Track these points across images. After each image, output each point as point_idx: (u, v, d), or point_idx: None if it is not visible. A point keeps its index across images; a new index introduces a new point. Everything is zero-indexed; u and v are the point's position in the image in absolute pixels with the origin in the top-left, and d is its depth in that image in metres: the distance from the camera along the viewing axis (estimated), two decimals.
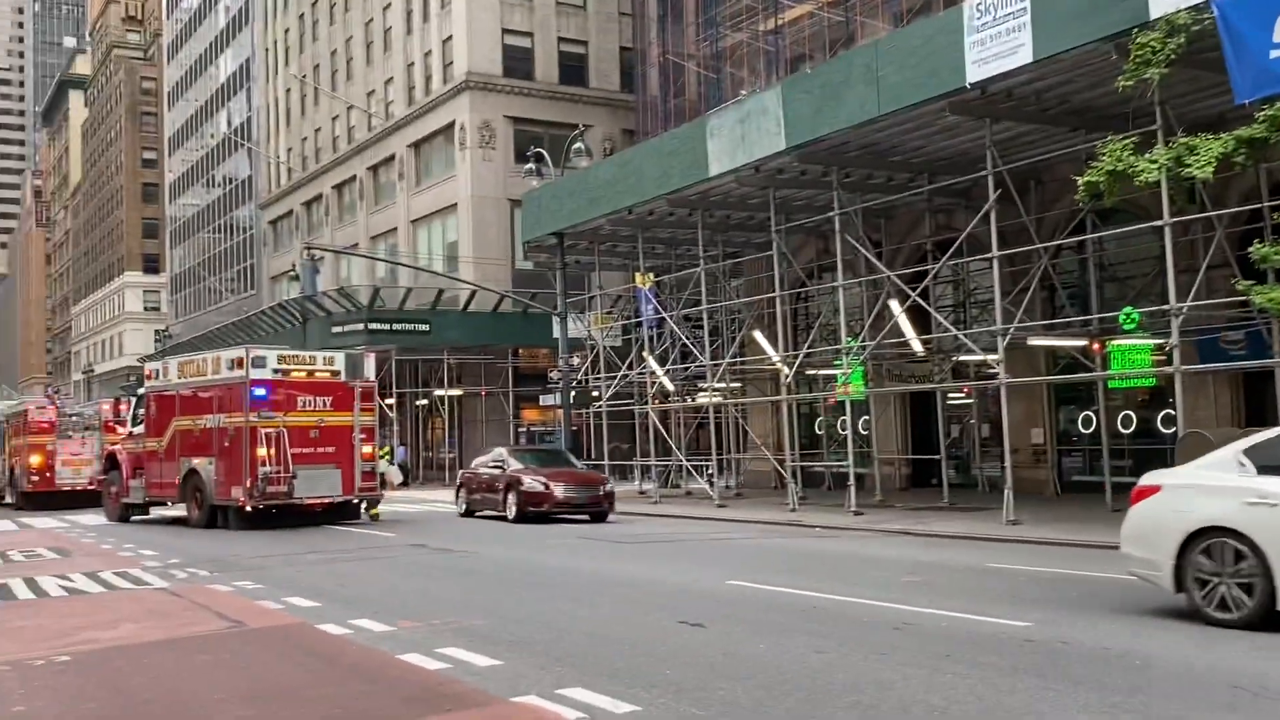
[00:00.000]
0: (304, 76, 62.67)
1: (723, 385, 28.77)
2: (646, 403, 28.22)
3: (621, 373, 28.93)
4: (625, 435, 39.90)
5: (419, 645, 8.24)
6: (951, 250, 22.64)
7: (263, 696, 6.93)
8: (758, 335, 28.15)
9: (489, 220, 45.59)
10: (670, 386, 29.65)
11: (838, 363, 24.03)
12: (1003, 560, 13.66)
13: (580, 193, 27.29)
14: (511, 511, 21.70)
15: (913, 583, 11.71)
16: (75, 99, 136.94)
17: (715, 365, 26.33)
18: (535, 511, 21.40)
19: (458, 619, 9.52)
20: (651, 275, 31.10)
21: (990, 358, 19.93)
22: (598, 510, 22.01)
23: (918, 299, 21.39)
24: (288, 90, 66.44)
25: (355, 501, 21.96)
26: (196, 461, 21.70)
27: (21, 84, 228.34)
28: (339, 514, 21.97)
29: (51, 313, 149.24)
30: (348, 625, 9.32)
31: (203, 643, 8.83)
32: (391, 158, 52.94)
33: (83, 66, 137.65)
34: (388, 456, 23.02)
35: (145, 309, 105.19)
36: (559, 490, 21.59)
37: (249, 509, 20.29)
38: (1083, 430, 25.08)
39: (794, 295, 28.28)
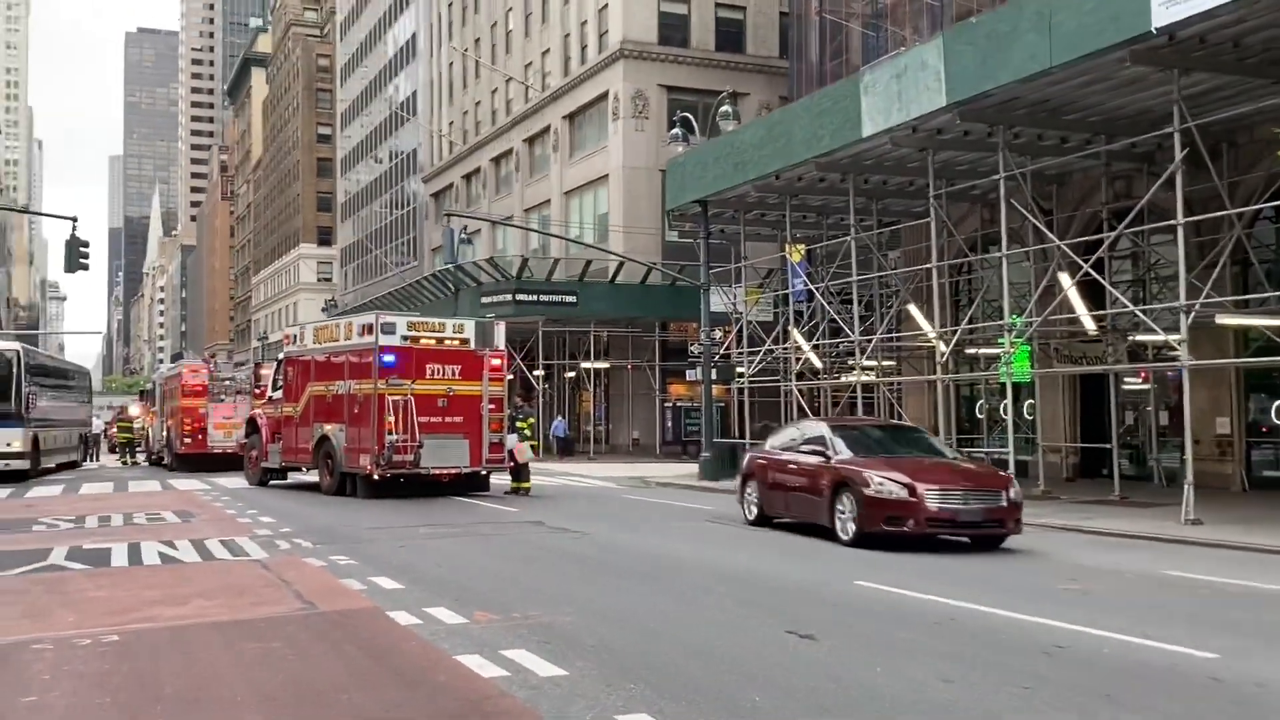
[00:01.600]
0: (465, 50, 63.05)
1: (874, 363, 27.11)
2: (792, 379, 26.77)
3: (766, 347, 27.57)
4: (772, 414, 38.51)
5: (485, 644, 7.28)
6: (1130, 218, 20.39)
7: (283, 699, 6.06)
8: (913, 309, 26.36)
9: (640, 191, 44.71)
10: (818, 363, 28.13)
11: (1001, 341, 22.13)
12: (1181, 567, 11.88)
13: (726, 158, 25.99)
14: (849, 528, 13.50)
15: (1073, 592, 10.15)
16: (257, 76, 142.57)
17: (866, 341, 24.72)
18: (892, 532, 13.14)
19: (540, 613, 8.52)
20: (801, 246, 29.64)
21: (1172, 338, 17.83)
22: (996, 530, 13.61)
23: (1092, 271, 19.36)
24: (450, 64, 67.10)
25: (483, 473, 21.37)
26: (328, 428, 21.48)
27: (211, 63, 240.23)
28: (468, 485, 21.43)
29: (234, 282, 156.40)
30: (420, 614, 8.45)
31: (262, 628, 8.09)
32: (546, 129, 52.67)
33: (264, 45, 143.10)
34: (527, 429, 22.06)
35: (319, 280, 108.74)
36: (932, 497, 13.13)
37: (376, 477, 19.90)
38: (1276, 421, 22.48)
39: (954, 268, 26.36)
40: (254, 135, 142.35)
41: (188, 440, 31.43)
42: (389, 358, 19.91)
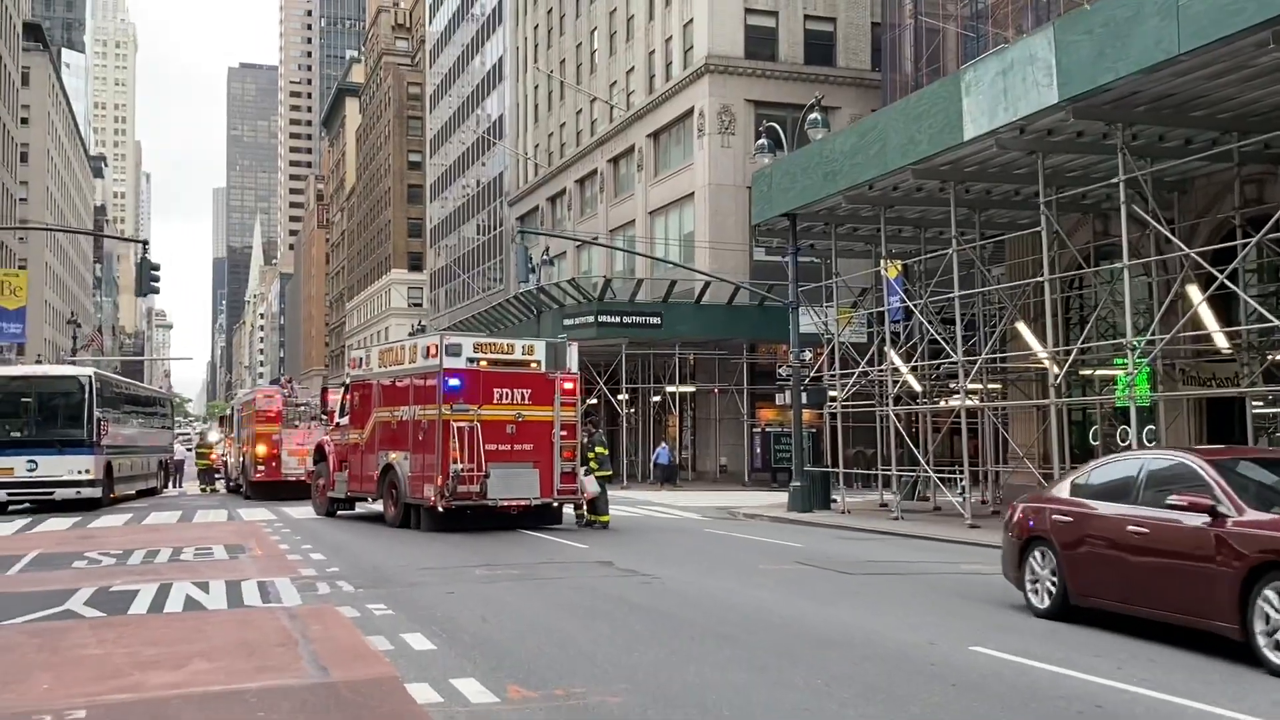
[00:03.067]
0: (550, 72, 62.47)
1: (978, 386, 25.15)
2: (889, 403, 24.94)
3: (860, 369, 25.79)
4: (867, 440, 36.55)
5: None
6: (1269, 226, 18.29)
7: None
8: (1022, 328, 24.36)
9: (726, 209, 43.23)
10: (917, 386, 26.26)
11: (1119, 361, 20.10)
12: None
13: (815, 167, 24.37)
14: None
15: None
16: (351, 106, 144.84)
17: (970, 363, 22.81)
18: None
19: (588, 688, 7.05)
20: (898, 263, 27.87)
21: None
22: None
23: (1229, 283, 17.31)
24: (535, 87, 66.63)
25: (555, 505, 19.99)
26: (393, 456, 20.34)
27: (309, 95, 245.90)
28: (539, 517, 20.07)
29: (329, 308, 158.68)
30: (444, 687, 7.04)
31: (253, 704, 6.76)
32: (631, 149, 51.59)
33: (358, 75, 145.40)
34: (594, 460, 20.67)
35: (409, 305, 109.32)
36: None
37: (440, 509, 18.66)
38: None
39: (1065, 282, 24.31)
40: (348, 164, 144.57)
41: (261, 468, 30.70)
42: (454, 381, 18.67)
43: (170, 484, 41.28)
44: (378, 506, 22.07)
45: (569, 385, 19.75)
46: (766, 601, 10.96)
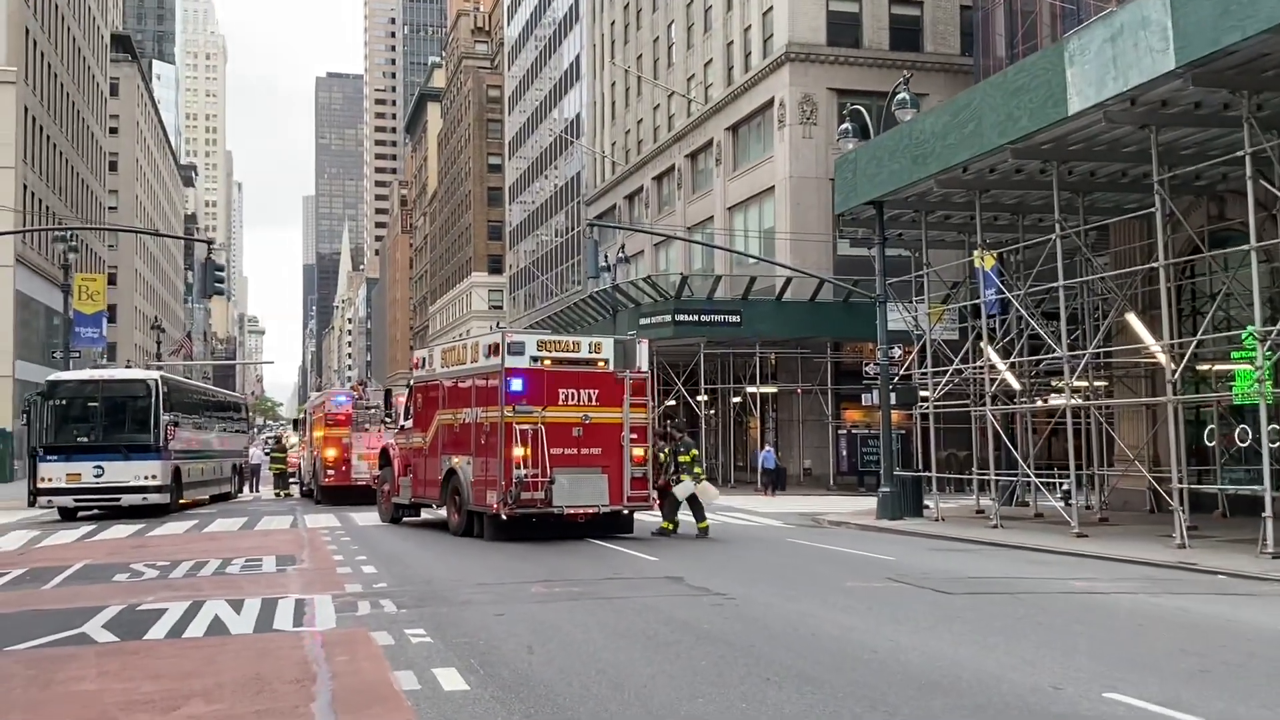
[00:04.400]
0: (628, 68, 61.43)
1: (1083, 384, 23.34)
2: (985, 403, 23.25)
3: (954, 367, 24.13)
4: (960, 442, 34.70)
5: None
6: None
7: None
8: (1133, 320, 22.51)
9: (808, 202, 41.63)
10: (1016, 384, 24.50)
11: (1237, 354, 18.21)
12: None
13: (903, 150, 22.79)
14: None
15: None
16: (433, 111, 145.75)
17: (1076, 358, 21.04)
18: None
19: None
20: (993, 253, 26.09)
21: None
22: None
23: None
24: (613, 84, 65.69)
25: (626, 513, 18.76)
26: (455, 460, 19.30)
27: (393, 103, 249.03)
28: (609, 526, 18.84)
29: (413, 312, 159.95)
30: None
31: None
32: (709, 143, 50.25)
33: (439, 80, 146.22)
34: (688, 464, 19.51)
35: (490, 307, 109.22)
36: None
37: (504, 517, 17.55)
38: None
39: (1177, 270, 22.38)
40: (430, 169, 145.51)
41: (331, 472, 30.02)
42: (516, 381, 17.55)
43: (247, 488, 41.03)
44: (444, 513, 21.08)
45: (639, 385, 18.49)
46: (855, 629, 9.57)
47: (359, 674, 7.83)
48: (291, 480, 38.64)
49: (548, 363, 18.07)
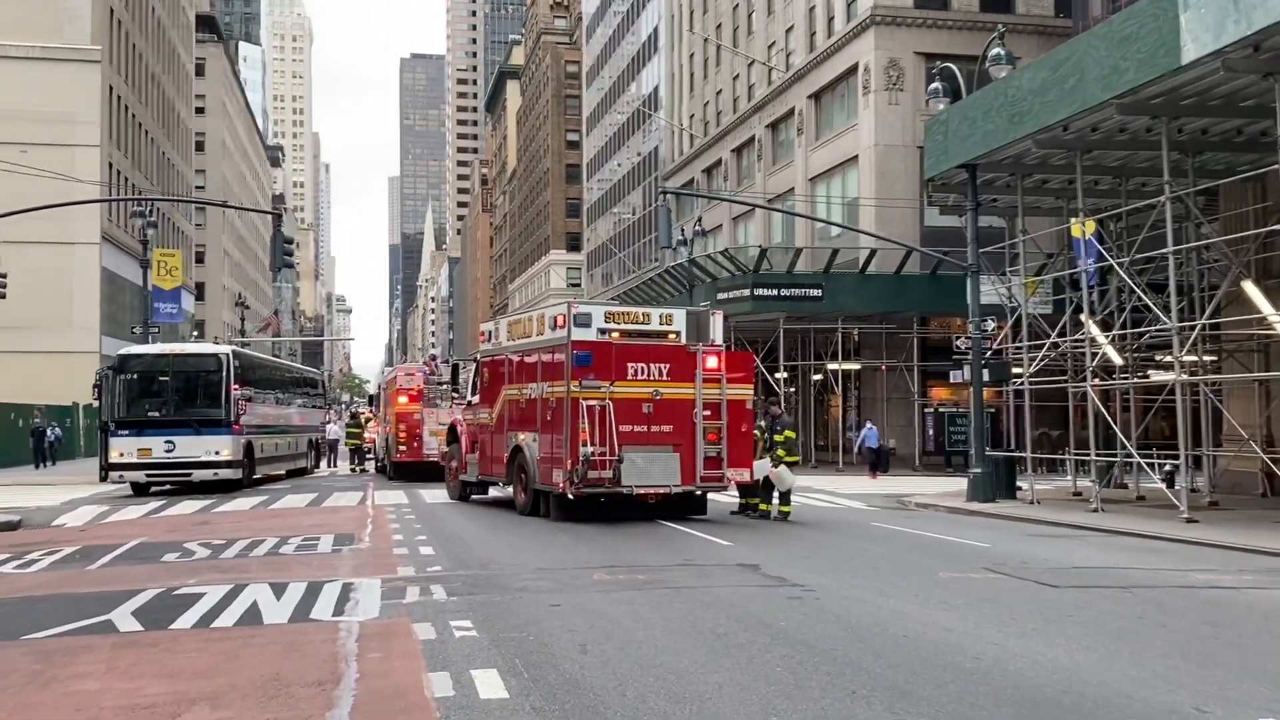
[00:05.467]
0: (707, 37, 60.07)
1: (1191, 358, 21.70)
2: (1085, 378, 21.75)
3: (1051, 340, 22.64)
4: (1053, 420, 33.05)
5: None
6: None
7: None
8: (1249, 288, 20.83)
9: (894, 172, 40.05)
10: (1118, 359, 22.93)
11: None
12: None
13: (999, 109, 21.31)
14: None
15: None
16: (512, 89, 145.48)
17: (1186, 330, 19.46)
18: None
19: None
20: (1092, 221, 24.48)
21: None
22: None
23: None
24: (691, 55, 64.37)
25: (698, 494, 17.78)
26: (522, 437, 18.49)
27: (475, 82, 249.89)
28: (681, 507, 17.88)
29: (493, 290, 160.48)
30: None
31: None
32: (790, 112, 48.76)
33: (518, 57, 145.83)
34: (785, 444, 18.54)
35: (568, 285, 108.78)
36: None
37: (570, 496, 16.70)
38: None
39: None
40: (509, 147, 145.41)
41: (403, 448, 29.54)
42: (583, 355, 16.63)
43: (325, 463, 40.96)
44: (511, 491, 20.33)
45: (713, 360, 17.43)
46: (954, 630, 8.46)
47: (389, 675, 6.98)
48: (368, 456, 38.42)
49: (616, 335, 17.14)
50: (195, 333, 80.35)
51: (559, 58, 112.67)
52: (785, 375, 39.65)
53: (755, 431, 18.39)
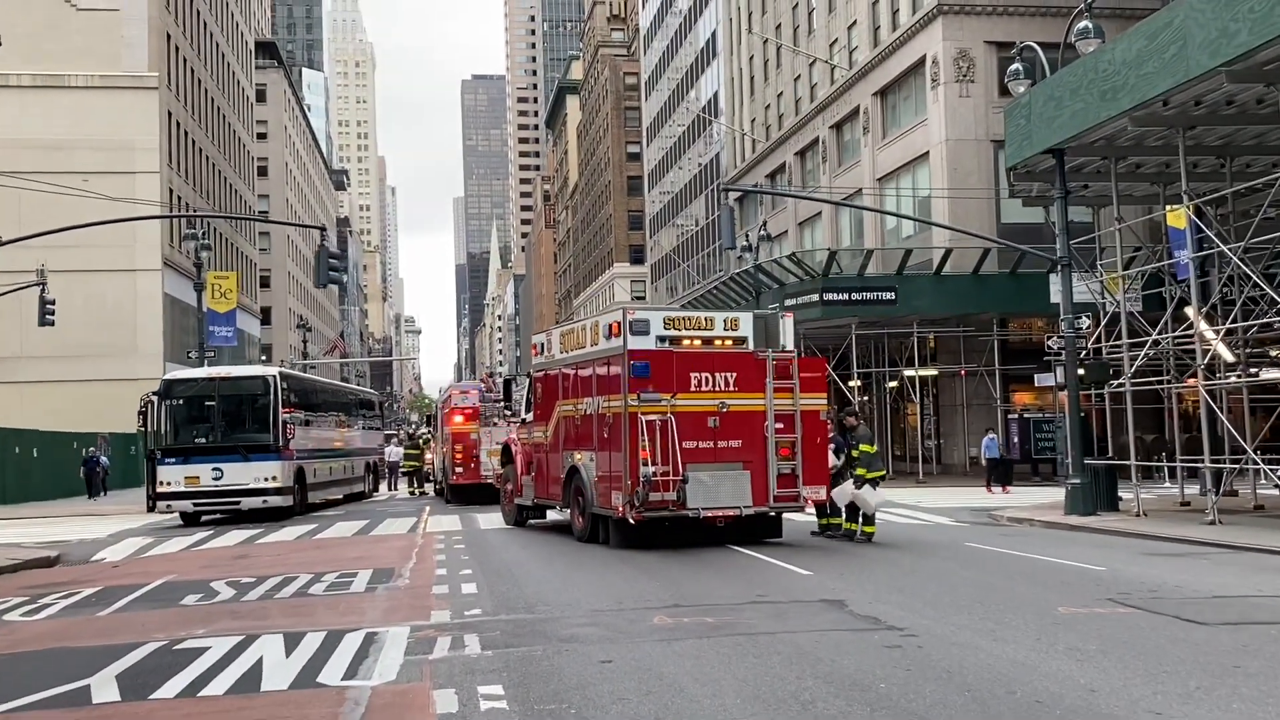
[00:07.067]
0: (766, 39, 58.52)
1: None
2: (1194, 375, 19.76)
3: (1153, 337, 20.70)
4: (1146, 423, 30.84)
5: None
6: None
7: None
8: None
9: (967, 167, 38.12)
10: (1229, 356, 20.92)
11: None
12: None
13: (1088, 86, 19.48)
14: None
15: None
16: (572, 104, 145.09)
17: None
18: None
19: None
20: (1188, 207, 22.53)
21: None
22: None
23: None
24: (750, 58, 62.88)
25: (772, 514, 16.19)
26: (578, 457, 17.06)
27: (535, 100, 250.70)
28: (753, 529, 16.31)
29: (559, 306, 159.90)
30: None
31: None
32: (855, 111, 46.99)
33: (577, 72, 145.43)
34: (861, 458, 16.92)
35: (633, 298, 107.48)
36: None
37: (631, 521, 15.22)
38: None
39: None
40: (570, 162, 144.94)
41: (459, 470, 28.31)
42: (640, 365, 15.17)
43: (385, 486, 40.01)
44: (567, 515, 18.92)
45: (785, 367, 15.86)
46: (1098, 691, 6.80)
47: None
48: (428, 478, 37.36)
49: (678, 343, 15.65)
50: (264, 357, 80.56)
51: (617, 70, 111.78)
52: (859, 384, 37.84)
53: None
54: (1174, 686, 6.87)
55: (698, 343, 15.77)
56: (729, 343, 15.92)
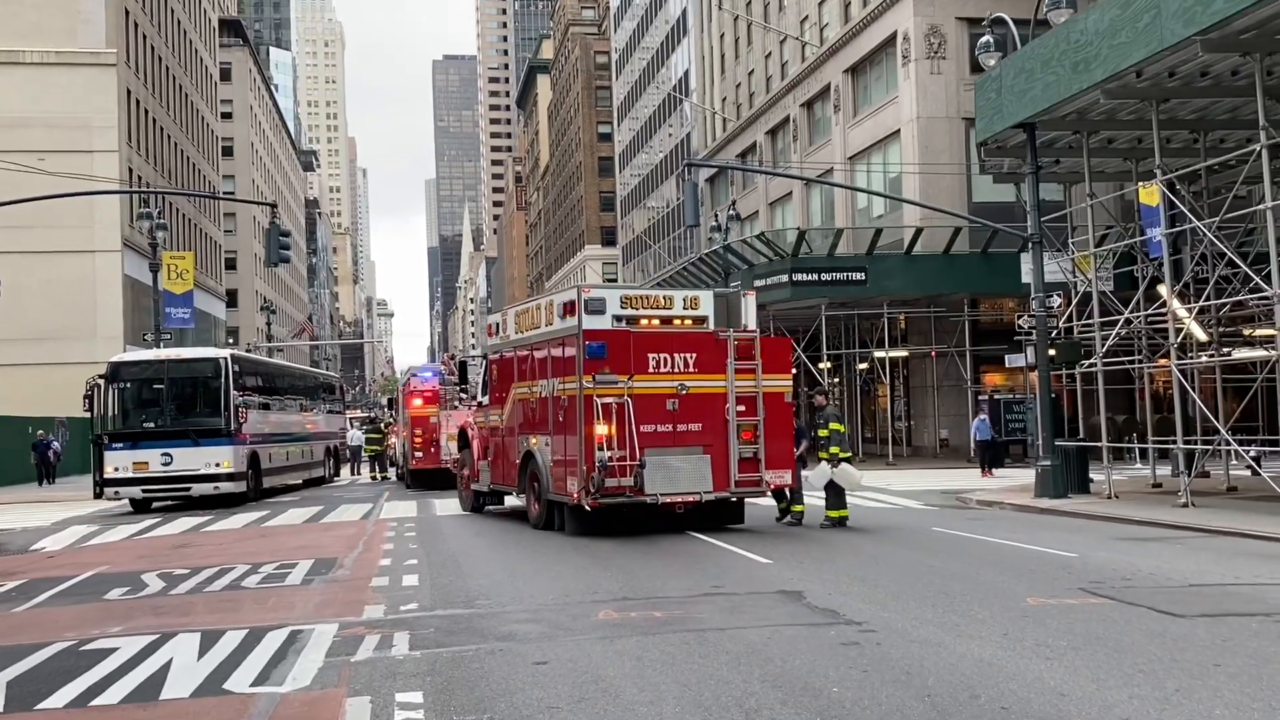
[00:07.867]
0: (737, 15, 57.78)
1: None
2: (1166, 355, 19.35)
3: (1124, 317, 20.27)
4: (1119, 404, 30.54)
5: None
6: None
7: None
8: None
9: (938, 145, 37.63)
10: (1202, 335, 20.52)
11: None
12: None
13: (1060, 58, 18.95)
14: None
15: None
16: (542, 83, 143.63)
17: None
18: None
19: None
20: (1160, 184, 22.12)
21: None
22: None
23: None
24: (721, 35, 62.11)
25: (734, 500, 15.63)
26: (533, 441, 16.43)
27: (506, 80, 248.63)
28: (715, 516, 15.76)
29: (530, 289, 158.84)
30: None
31: None
32: (826, 89, 46.38)
33: (548, 51, 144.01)
34: (831, 436, 16.37)
35: (604, 280, 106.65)
36: None
37: (586, 508, 14.63)
38: None
39: None
40: (541, 142, 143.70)
41: (419, 454, 27.63)
42: (596, 345, 14.55)
43: (348, 471, 39.29)
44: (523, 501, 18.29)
45: (746, 347, 15.28)
46: (1069, 696, 6.26)
47: None
48: (390, 463, 36.65)
49: (635, 322, 15.04)
50: (230, 340, 79.30)
51: (588, 49, 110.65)
52: (829, 365, 37.37)
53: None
54: (1150, 689, 6.34)
55: (656, 322, 15.16)
56: (688, 322, 15.32)
